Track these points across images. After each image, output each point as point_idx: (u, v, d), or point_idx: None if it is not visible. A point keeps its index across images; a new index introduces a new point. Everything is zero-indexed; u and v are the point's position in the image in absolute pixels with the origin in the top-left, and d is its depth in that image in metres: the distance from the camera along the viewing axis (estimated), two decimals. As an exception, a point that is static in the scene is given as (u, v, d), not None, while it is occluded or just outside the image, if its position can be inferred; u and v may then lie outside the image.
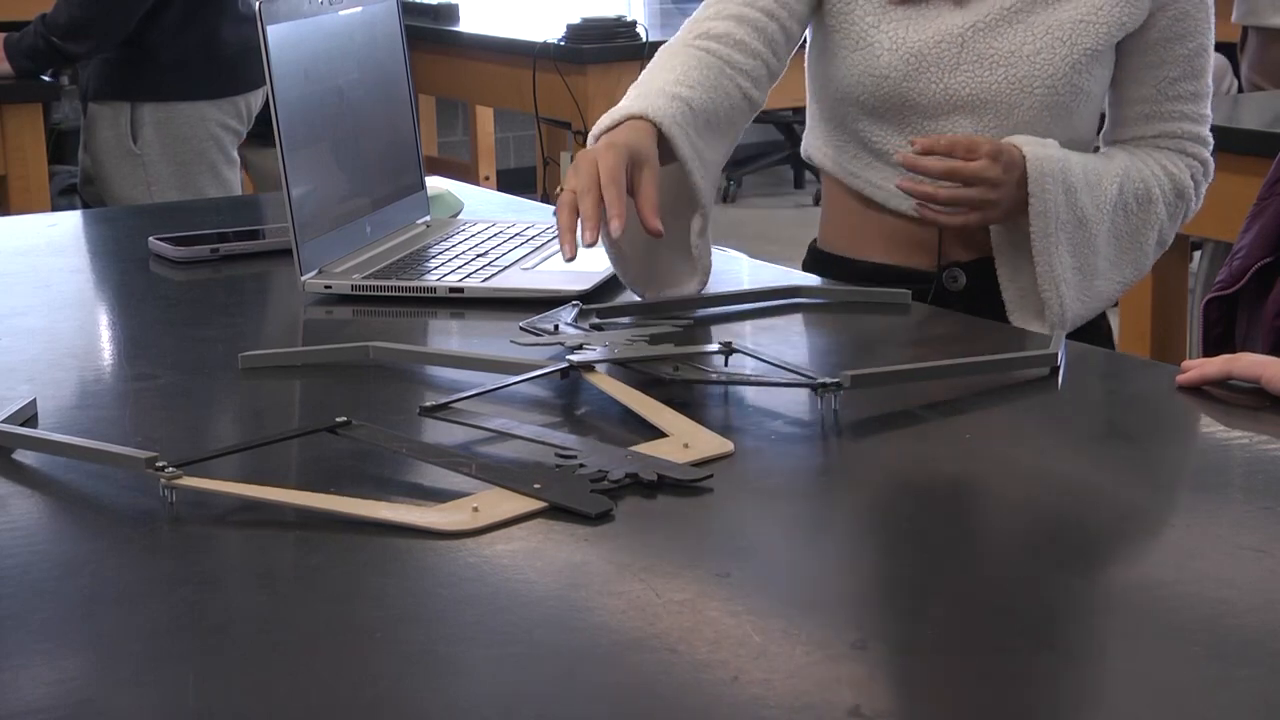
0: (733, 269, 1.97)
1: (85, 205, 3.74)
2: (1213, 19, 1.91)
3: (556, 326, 1.56)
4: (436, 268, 1.81)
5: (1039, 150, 1.80)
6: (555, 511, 1.18)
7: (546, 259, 1.86)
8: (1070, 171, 1.82)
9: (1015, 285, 1.87)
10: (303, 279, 1.75)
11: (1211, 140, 1.94)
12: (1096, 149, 1.95)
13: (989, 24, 1.86)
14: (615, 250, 1.69)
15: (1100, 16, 1.85)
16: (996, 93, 1.85)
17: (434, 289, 1.75)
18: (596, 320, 1.61)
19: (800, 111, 4.63)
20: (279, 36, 1.73)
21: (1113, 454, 1.36)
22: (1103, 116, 1.96)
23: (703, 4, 1.89)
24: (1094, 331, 1.94)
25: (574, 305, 1.64)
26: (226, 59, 3.41)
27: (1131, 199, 1.88)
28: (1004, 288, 1.87)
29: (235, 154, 3.51)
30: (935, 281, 1.91)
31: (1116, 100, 1.93)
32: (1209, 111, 1.93)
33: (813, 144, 1.99)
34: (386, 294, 1.76)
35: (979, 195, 1.78)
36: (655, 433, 1.33)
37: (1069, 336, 1.69)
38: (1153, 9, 1.87)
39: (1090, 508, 1.24)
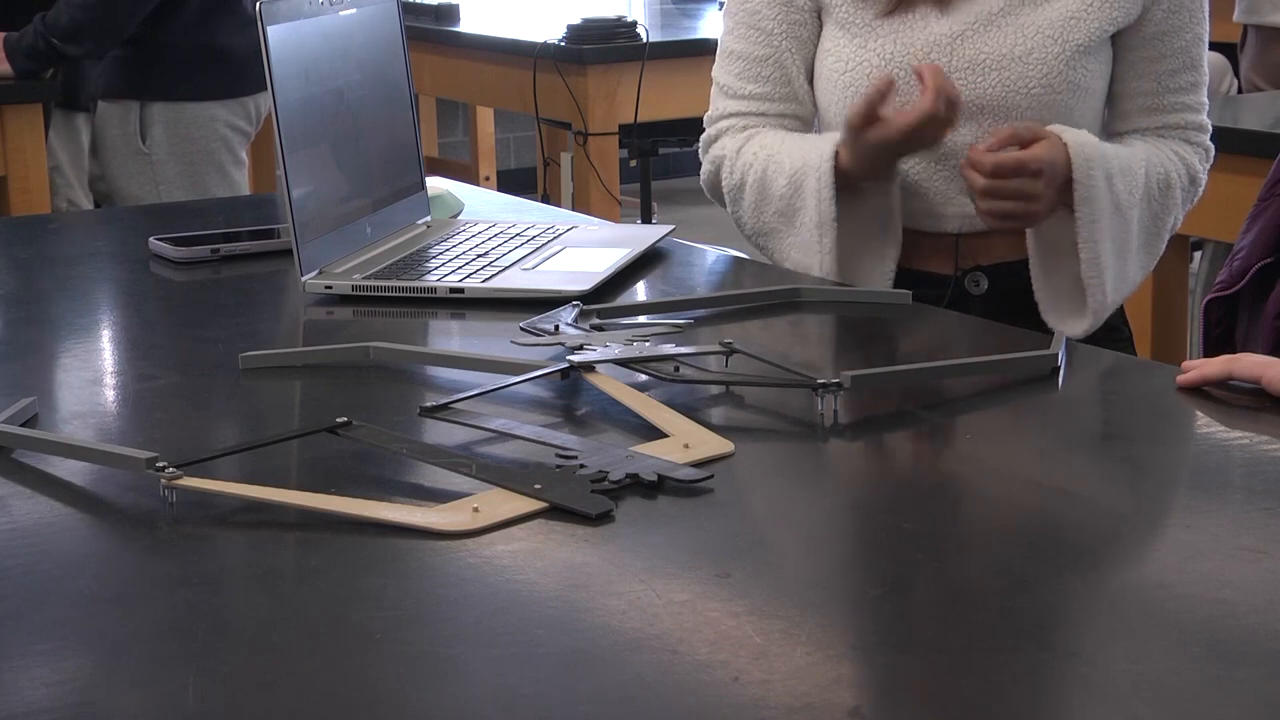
0: (733, 269, 1.97)
1: (95, 204, 3.75)
2: (1206, 9, 1.92)
3: (557, 327, 1.56)
4: (437, 268, 1.81)
5: (1079, 137, 1.81)
6: (556, 512, 1.18)
7: (547, 259, 1.86)
8: (1108, 157, 1.82)
9: (1049, 285, 1.87)
10: (303, 279, 1.75)
11: (1210, 126, 1.95)
12: None
13: (976, 29, 1.86)
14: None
15: (1090, 12, 1.85)
16: (992, 97, 1.85)
17: (434, 289, 1.75)
18: (597, 321, 1.61)
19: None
20: (279, 37, 1.73)
21: (1113, 454, 1.36)
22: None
23: (726, 68, 1.98)
24: (1116, 337, 1.95)
25: (574, 306, 1.64)
26: (235, 60, 3.41)
27: (1155, 186, 1.89)
28: (1038, 288, 1.87)
29: (243, 155, 3.52)
30: (952, 286, 1.91)
31: (1117, 94, 1.93)
32: (1206, 99, 1.95)
33: None
34: (387, 294, 1.76)
35: (1019, 209, 1.79)
36: (655, 433, 1.33)
37: (1093, 341, 1.70)
38: (1146, 3, 1.87)
39: (1090, 508, 1.24)
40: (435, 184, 2.12)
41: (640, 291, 1.81)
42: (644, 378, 1.45)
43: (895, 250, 1.90)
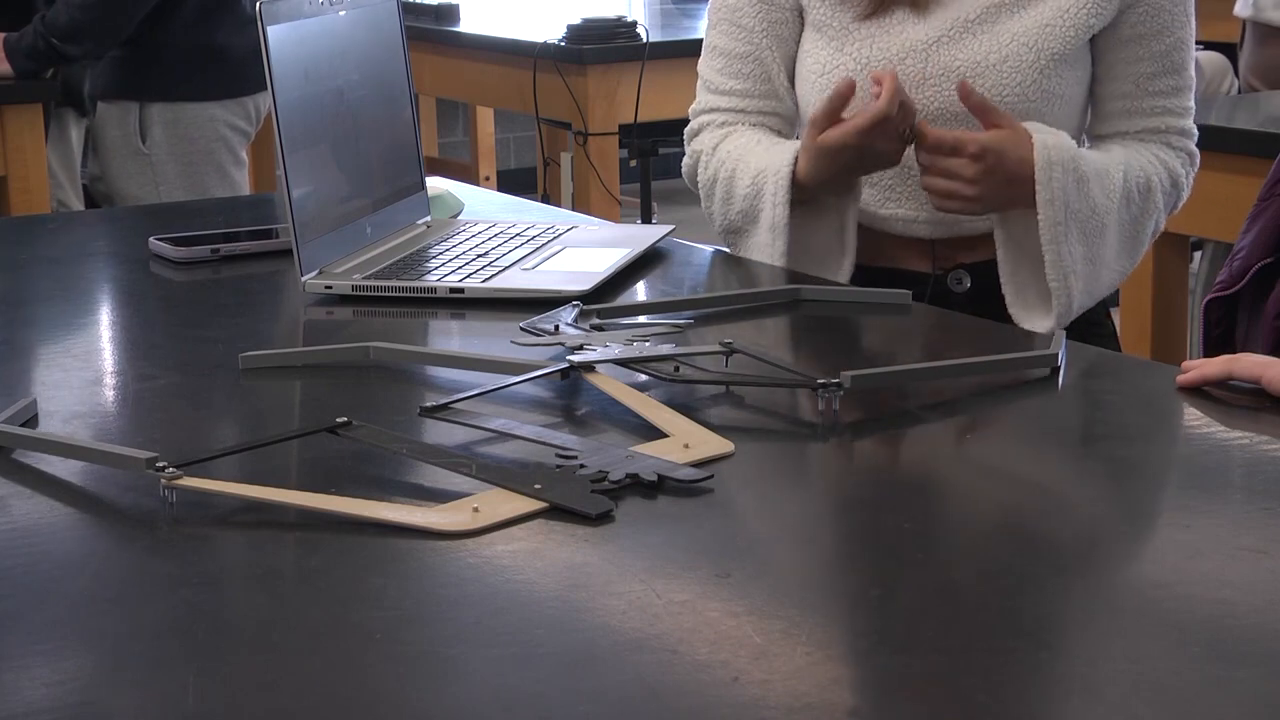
0: (733, 269, 1.97)
1: (93, 204, 3.75)
2: (1191, 13, 1.90)
3: (557, 327, 1.56)
4: (437, 268, 1.81)
5: (1048, 139, 1.80)
6: (556, 512, 1.18)
7: (547, 259, 1.86)
8: (1081, 160, 1.82)
9: (1015, 280, 1.87)
10: (303, 279, 1.75)
11: (1195, 131, 1.94)
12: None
13: (953, 36, 1.86)
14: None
15: (1066, 20, 1.85)
16: None
17: (434, 289, 1.75)
18: (597, 320, 1.61)
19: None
20: (279, 37, 1.73)
21: (1113, 454, 1.36)
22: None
23: (711, 65, 2.01)
24: (1099, 332, 1.95)
25: (574, 305, 1.64)
26: (235, 60, 3.42)
27: (1134, 189, 1.88)
28: (1004, 282, 1.88)
29: (243, 155, 3.53)
30: (931, 284, 1.91)
31: (1097, 95, 1.93)
32: (1192, 104, 1.93)
33: None
34: (387, 294, 1.76)
35: (950, 188, 1.79)
36: (655, 433, 1.33)
37: (1073, 334, 1.70)
38: (1122, 7, 1.86)
39: (1090, 508, 1.24)
40: (435, 184, 2.12)
41: (640, 291, 1.81)
42: (644, 378, 1.45)
43: (850, 260, 1.91)
